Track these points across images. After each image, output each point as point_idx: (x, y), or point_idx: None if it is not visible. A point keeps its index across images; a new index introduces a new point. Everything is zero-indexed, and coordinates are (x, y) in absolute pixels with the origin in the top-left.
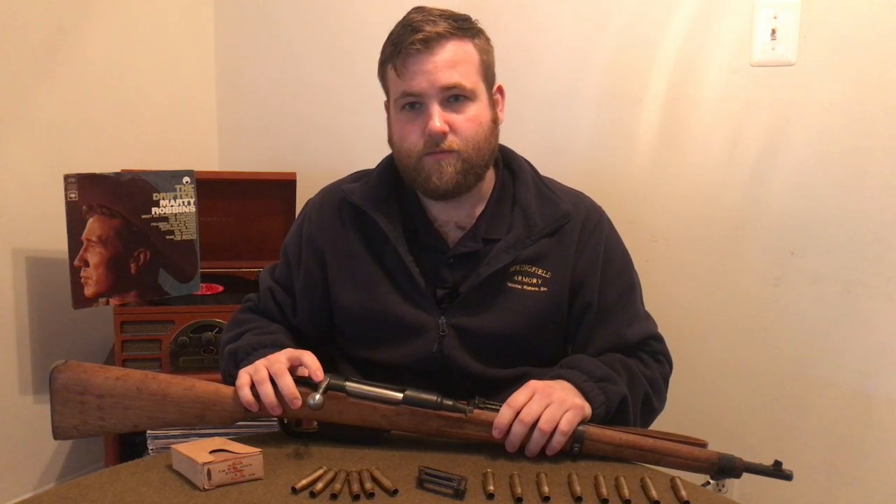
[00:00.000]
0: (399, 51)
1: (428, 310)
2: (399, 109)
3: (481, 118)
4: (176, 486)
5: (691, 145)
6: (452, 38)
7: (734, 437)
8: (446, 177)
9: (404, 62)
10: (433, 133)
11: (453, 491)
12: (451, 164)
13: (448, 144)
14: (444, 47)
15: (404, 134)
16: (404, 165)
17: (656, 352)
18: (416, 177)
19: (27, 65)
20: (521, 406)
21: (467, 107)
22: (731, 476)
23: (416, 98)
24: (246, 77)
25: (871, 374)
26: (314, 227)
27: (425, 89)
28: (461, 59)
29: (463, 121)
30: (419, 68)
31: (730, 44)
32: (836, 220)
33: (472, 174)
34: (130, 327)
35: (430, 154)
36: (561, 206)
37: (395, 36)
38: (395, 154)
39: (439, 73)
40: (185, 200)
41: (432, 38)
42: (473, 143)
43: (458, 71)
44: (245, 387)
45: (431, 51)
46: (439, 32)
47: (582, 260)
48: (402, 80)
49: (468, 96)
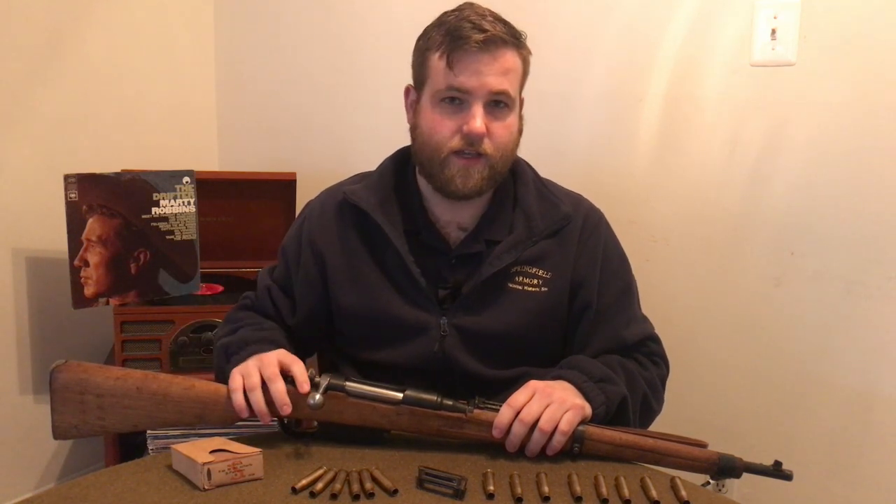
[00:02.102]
0: (459, 44)
1: (429, 310)
2: (437, 101)
3: (514, 128)
4: (176, 486)
5: (691, 145)
6: (509, 45)
7: (734, 437)
8: (471, 182)
9: (461, 57)
10: (474, 133)
11: (453, 491)
12: (479, 171)
13: (483, 148)
14: (503, 53)
15: (438, 126)
16: (427, 157)
17: (653, 353)
18: (438, 172)
19: (27, 65)
20: (522, 406)
21: (507, 115)
22: (731, 476)
23: (462, 95)
24: (246, 77)
25: (871, 374)
26: (314, 229)
27: (475, 89)
28: (512, 67)
29: (500, 127)
30: (476, 67)
31: (730, 44)
32: (836, 220)
33: (493, 181)
34: (130, 327)
35: (459, 155)
36: (561, 208)
37: (451, 26)
38: (418, 144)
39: (493, 76)
40: (185, 200)
41: (493, 40)
42: (503, 151)
43: (508, 79)
44: (238, 392)
45: (490, 53)
46: (500, 37)
47: (581, 261)
48: (453, 72)
49: (509, 105)
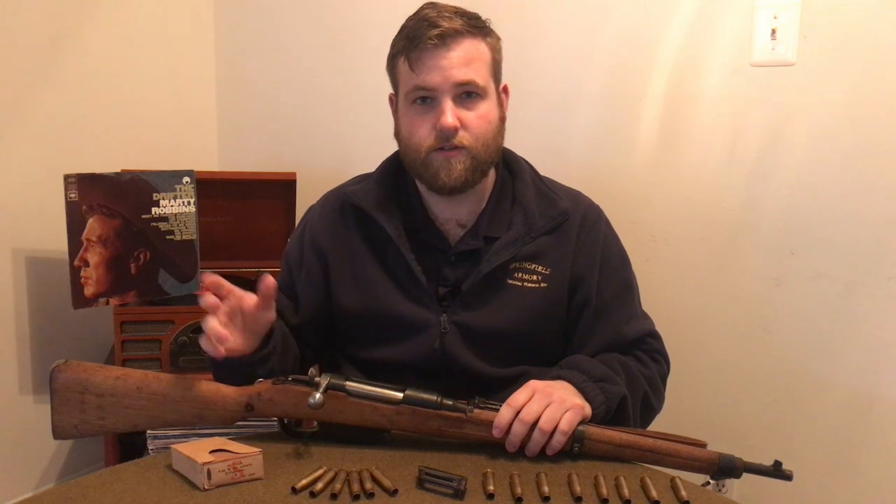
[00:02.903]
0: (415, 45)
1: (430, 307)
2: (409, 103)
3: (491, 116)
4: (176, 486)
5: (691, 145)
6: (467, 35)
7: (734, 437)
8: (455, 174)
9: (419, 56)
10: (445, 128)
11: (453, 491)
12: (461, 162)
13: (459, 140)
14: (460, 44)
15: (413, 128)
16: (411, 160)
17: (654, 350)
18: (423, 172)
19: (27, 65)
20: (522, 405)
21: (478, 104)
22: (731, 476)
23: (429, 93)
24: (246, 77)
25: (871, 374)
26: (316, 230)
27: (439, 84)
28: (475, 56)
29: (474, 118)
30: (434, 63)
31: (730, 44)
32: (836, 220)
33: (479, 171)
34: (130, 327)
35: (439, 150)
36: (560, 205)
37: (409, 30)
38: (401, 149)
39: (454, 69)
40: (185, 200)
41: (448, 33)
42: (483, 141)
43: (472, 68)
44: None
45: (447, 46)
46: (455, 29)
47: (581, 257)
48: (416, 73)
49: (480, 94)
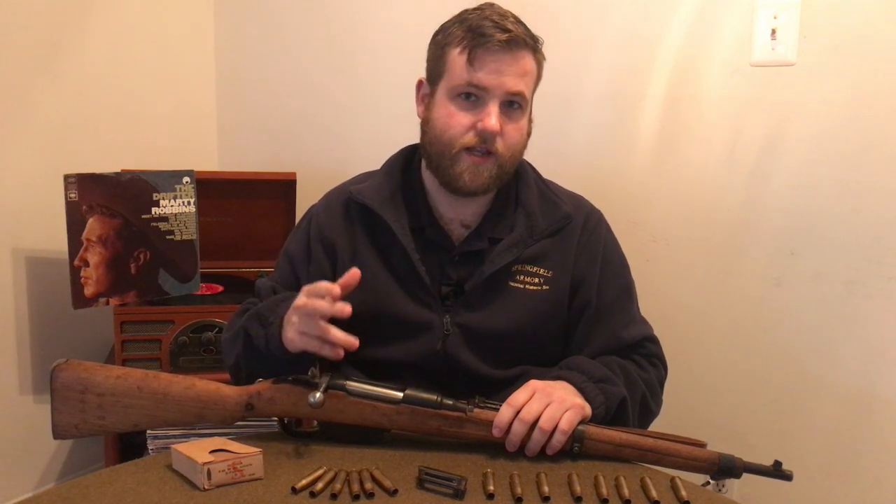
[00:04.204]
0: (480, 42)
1: (433, 308)
2: (454, 95)
3: (524, 129)
4: (176, 486)
5: (691, 145)
6: (529, 48)
7: (734, 437)
8: (480, 180)
9: (482, 54)
10: (489, 131)
11: (453, 491)
12: (488, 170)
13: (495, 147)
14: (524, 55)
15: (452, 121)
16: (437, 151)
17: (652, 354)
18: (447, 167)
19: (27, 65)
20: (522, 405)
21: (519, 116)
22: (731, 476)
23: (479, 91)
24: (246, 77)
25: (871, 374)
26: (323, 225)
27: (494, 87)
28: (528, 69)
29: (513, 129)
30: (496, 66)
31: (730, 44)
32: (836, 220)
33: (500, 180)
34: (130, 327)
35: (470, 152)
36: (562, 208)
37: (473, 23)
38: (429, 138)
39: (512, 77)
40: (185, 200)
41: (515, 41)
42: (512, 152)
43: (524, 81)
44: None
45: (512, 54)
46: (523, 39)
47: (582, 260)
48: (474, 69)
49: (522, 107)
